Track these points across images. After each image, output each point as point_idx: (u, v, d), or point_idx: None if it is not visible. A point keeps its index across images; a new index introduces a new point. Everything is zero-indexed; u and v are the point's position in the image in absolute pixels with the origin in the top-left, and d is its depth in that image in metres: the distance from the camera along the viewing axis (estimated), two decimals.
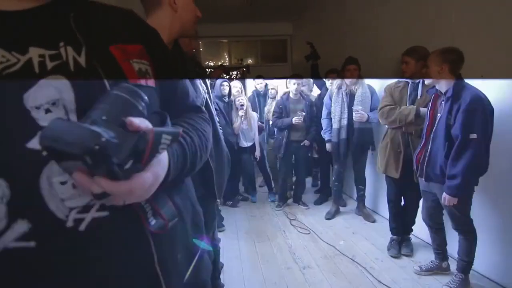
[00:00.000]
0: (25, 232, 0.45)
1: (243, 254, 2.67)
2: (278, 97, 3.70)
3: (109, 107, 0.42)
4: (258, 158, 3.70)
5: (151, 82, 0.59)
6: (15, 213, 0.45)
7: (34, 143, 0.45)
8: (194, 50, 1.78)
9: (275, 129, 3.55)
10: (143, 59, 0.59)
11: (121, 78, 0.53)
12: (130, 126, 0.42)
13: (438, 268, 2.20)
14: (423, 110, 2.19)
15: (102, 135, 0.37)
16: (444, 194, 1.85)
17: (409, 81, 2.35)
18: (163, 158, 0.50)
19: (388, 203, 2.62)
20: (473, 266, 2.01)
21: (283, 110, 3.35)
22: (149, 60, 0.60)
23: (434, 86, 1.97)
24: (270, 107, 3.74)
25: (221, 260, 2.53)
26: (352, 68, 2.88)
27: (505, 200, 1.92)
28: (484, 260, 2.05)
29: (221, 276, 2.28)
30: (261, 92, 4.19)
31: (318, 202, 3.69)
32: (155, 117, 0.53)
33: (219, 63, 6.24)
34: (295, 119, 3.26)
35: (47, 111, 0.47)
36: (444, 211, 2.04)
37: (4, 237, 0.45)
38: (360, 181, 3.22)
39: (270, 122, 3.75)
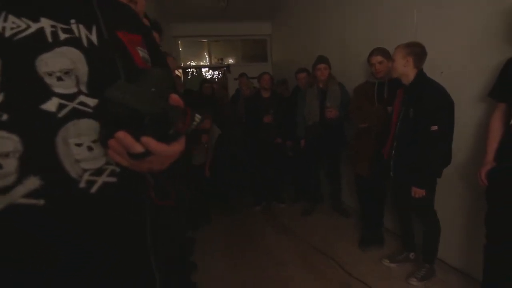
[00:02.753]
0: (36, 189, 0.45)
1: (218, 252, 2.68)
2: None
3: (155, 81, 0.46)
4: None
5: None
6: (27, 169, 0.45)
7: (48, 106, 0.47)
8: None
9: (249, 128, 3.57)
10: (143, 48, 0.63)
11: (130, 61, 0.57)
12: (173, 101, 0.47)
13: (406, 260, 2.27)
14: (390, 108, 2.26)
15: (162, 102, 0.44)
16: (413, 187, 1.90)
17: (376, 81, 2.41)
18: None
19: (360, 198, 2.69)
20: (438, 256, 2.10)
21: (253, 109, 3.40)
22: (147, 50, 0.64)
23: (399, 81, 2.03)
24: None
25: (196, 259, 2.53)
26: (322, 67, 2.93)
27: (467, 191, 2.01)
28: (448, 249, 2.14)
29: (196, 276, 2.28)
30: None
31: (295, 199, 3.74)
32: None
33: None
34: (265, 118, 3.32)
35: (59, 79, 0.48)
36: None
37: (13, 191, 0.44)
38: (335, 177, 3.28)
39: None
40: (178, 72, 5.67)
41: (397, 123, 2.01)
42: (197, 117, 0.50)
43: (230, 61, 6.93)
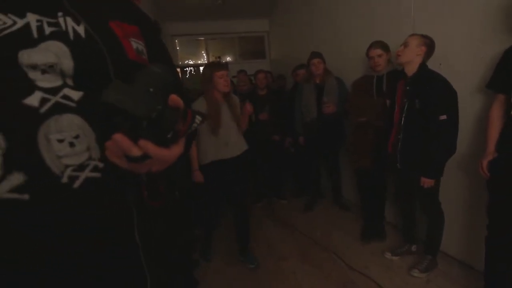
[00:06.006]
0: (20, 184, 0.46)
1: (220, 248, 2.68)
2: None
3: (153, 81, 0.44)
4: None
5: (146, 63, 0.62)
6: (11, 165, 0.46)
7: (31, 100, 0.47)
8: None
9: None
10: (139, 39, 0.62)
11: (121, 54, 0.56)
12: (172, 102, 0.46)
13: (408, 252, 2.28)
14: (389, 101, 2.25)
15: (160, 104, 0.42)
16: (423, 178, 1.89)
17: (374, 75, 2.40)
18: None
19: (362, 196, 2.69)
20: (440, 248, 2.10)
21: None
22: (144, 41, 0.63)
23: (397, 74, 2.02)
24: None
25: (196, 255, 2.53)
26: (316, 61, 2.91)
27: (469, 182, 2.01)
28: (450, 241, 2.14)
29: (198, 273, 2.28)
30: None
31: (297, 195, 3.74)
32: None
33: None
34: (261, 115, 3.31)
35: (43, 72, 0.48)
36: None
37: None
38: (335, 172, 3.28)
39: None
40: None
41: (401, 116, 1.99)
42: (198, 118, 0.50)
43: (228, 58, 6.91)
